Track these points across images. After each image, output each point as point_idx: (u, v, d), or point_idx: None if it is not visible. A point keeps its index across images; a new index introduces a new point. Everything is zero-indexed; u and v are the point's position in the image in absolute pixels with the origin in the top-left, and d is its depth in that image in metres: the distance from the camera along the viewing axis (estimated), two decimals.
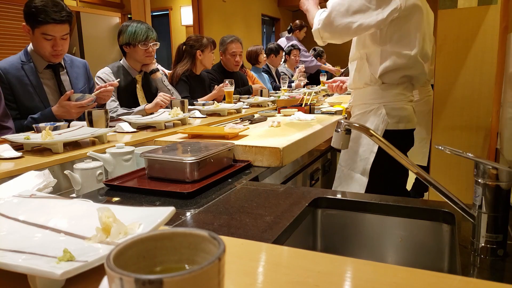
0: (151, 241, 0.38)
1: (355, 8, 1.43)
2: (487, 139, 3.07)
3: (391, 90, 1.54)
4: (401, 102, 1.54)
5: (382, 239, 0.97)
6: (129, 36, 2.27)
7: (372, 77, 1.54)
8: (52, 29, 1.72)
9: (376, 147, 1.51)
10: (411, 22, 1.46)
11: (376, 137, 0.91)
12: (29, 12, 1.70)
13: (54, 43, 1.76)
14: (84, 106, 1.70)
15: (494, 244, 0.67)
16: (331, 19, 1.47)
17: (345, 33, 1.48)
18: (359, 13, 1.43)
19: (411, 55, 1.47)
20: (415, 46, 1.47)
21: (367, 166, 1.54)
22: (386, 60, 1.49)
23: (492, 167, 0.65)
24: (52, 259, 0.53)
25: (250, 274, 0.57)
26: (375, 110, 1.55)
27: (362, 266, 0.58)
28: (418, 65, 1.50)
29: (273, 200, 0.96)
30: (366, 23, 1.43)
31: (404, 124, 1.55)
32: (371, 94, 1.57)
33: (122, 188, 1.07)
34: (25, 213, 0.69)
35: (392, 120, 1.53)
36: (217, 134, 1.52)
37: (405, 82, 1.55)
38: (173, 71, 2.95)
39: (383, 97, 1.54)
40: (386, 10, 1.41)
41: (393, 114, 1.53)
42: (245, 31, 6.75)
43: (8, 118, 1.65)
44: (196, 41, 2.97)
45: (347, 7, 1.44)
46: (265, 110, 2.48)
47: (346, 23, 1.45)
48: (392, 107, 1.53)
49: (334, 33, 1.50)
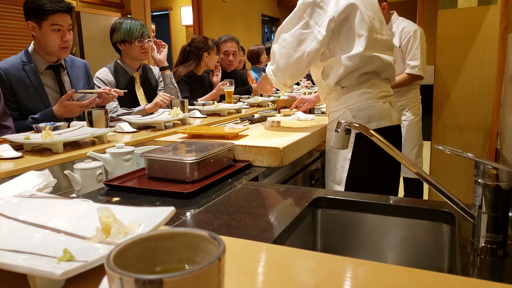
0: (151, 241, 0.38)
1: (295, 42, 1.43)
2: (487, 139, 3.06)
3: (353, 91, 1.50)
4: (367, 101, 1.49)
5: (382, 239, 0.97)
6: (124, 33, 2.25)
7: (330, 86, 1.53)
8: (60, 18, 1.75)
9: (350, 154, 1.47)
10: (350, 23, 1.43)
11: (376, 137, 0.91)
12: (33, 7, 1.72)
13: (63, 34, 1.78)
14: (86, 105, 1.71)
15: (494, 244, 0.67)
16: (282, 65, 1.47)
17: (301, 67, 1.46)
18: (301, 43, 1.42)
19: (360, 54, 1.43)
20: (361, 43, 1.43)
21: (343, 174, 1.50)
22: (338, 68, 1.47)
23: (492, 167, 0.65)
24: (52, 259, 0.53)
25: (250, 274, 0.57)
26: (341, 115, 1.51)
27: (362, 266, 0.58)
28: (373, 60, 1.46)
29: (273, 200, 0.96)
30: (312, 48, 1.41)
31: (376, 123, 1.49)
32: (335, 101, 1.55)
33: (122, 188, 1.07)
34: (25, 213, 0.69)
35: (361, 122, 1.45)
36: (217, 134, 1.52)
37: (368, 80, 1.50)
38: (175, 70, 2.95)
39: (346, 101, 1.51)
40: (323, 25, 1.39)
41: (360, 115, 1.48)
42: (245, 31, 6.75)
43: (8, 117, 1.65)
44: (203, 43, 2.98)
45: (289, 45, 1.44)
46: (265, 110, 2.48)
47: (295, 60, 1.43)
48: (357, 108, 1.49)
49: (292, 73, 1.48)
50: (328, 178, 1.60)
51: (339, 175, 1.51)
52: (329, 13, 1.40)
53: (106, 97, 1.84)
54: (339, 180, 1.52)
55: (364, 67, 1.46)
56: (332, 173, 1.55)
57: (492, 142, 2.91)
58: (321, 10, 1.41)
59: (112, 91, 1.84)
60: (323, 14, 1.40)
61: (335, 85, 1.51)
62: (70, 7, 1.79)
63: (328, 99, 1.60)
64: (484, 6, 2.97)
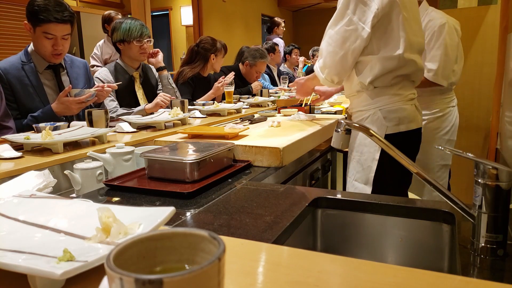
0: (151, 241, 0.38)
1: (340, 40, 1.41)
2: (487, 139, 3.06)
3: (385, 92, 1.48)
4: (398, 103, 1.48)
5: (382, 239, 0.97)
6: (123, 33, 2.25)
7: (362, 84, 1.50)
8: (54, 28, 1.73)
9: (378, 154, 1.46)
10: (392, 22, 1.41)
11: (376, 137, 0.91)
12: (32, 10, 1.71)
13: (55, 43, 1.76)
14: (84, 102, 1.70)
15: (494, 244, 0.67)
16: (328, 62, 1.46)
17: (346, 65, 1.45)
18: (346, 41, 1.41)
19: (399, 56, 1.42)
20: (401, 45, 1.42)
21: (370, 175, 1.48)
22: (374, 67, 1.45)
23: (492, 167, 0.65)
24: (52, 259, 0.53)
25: (250, 274, 0.57)
26: (371, 116, 1.49)
27: (362, 266, 0.58)
28: (410, 63, 1.45)
29: (273, 200, 0.96)
30: (357, 45, 1.40)
31: (405, 125, 1.49)
32: (365, 100, 1.52)
33: (122, 188, 1.07)
34: (25, 213, 0.69)
35: (391, 123, 1.47)
36: (217, 134, 1.52)
37: (400, 82, 1.49)
38: (181, 69, 2.95)
39: (377, 102, 1.49)
40: (367, 22, 1.38)
41: (390, 117, 1.47)
42: (245, 31, 6.75)
43: (9, 118, 1.65)
44: (212, 44, 2.98)
45: (334, 43, 1.43)
46: (265, 110, 2.48)
47: (340, 58, 1.43)
48: (388, 110, 1.47)
49: (338, 71, 1.47)
50: (351, 177, 1.56)
51: (366, 175, 1.49)
52: (373, 8, 1.37)
53: (101, 94, 1.83)
54: (365, 180, 1.49)
55: (400, 69, 1.45)
56: (358, 173, 1.52)
57: (492, 142, 2.91)
58: (365, 6, 1.38)
59: (106, 86, 1.84)
60: (367, 10, 1.37)
61: (369, 84, 1.48)
62: (68, 19, 1.75)
63: (357, 97, 1.55)
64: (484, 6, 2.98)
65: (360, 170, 1.51)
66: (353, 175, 1.55)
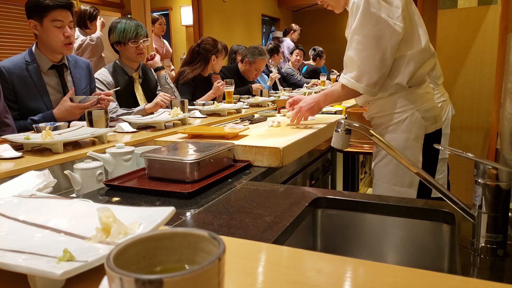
0: (151, 241, 0.38)
1: (374, 41, 1.35)
2: (487, 139, 3.06)
3: (417, 92, 1.44)
4: (429, 101, 1.45)
5: (382, 239, 0.97)
6: (118, 34, 2.24)
7: (399, 86, 1.43)
8: (60, 14, 1.76)
9: (421, 156, 1.42)
10: (411, 15, 1.40)
11: (376, 137, 0.91)
12: (33, 5, 1.74)
13: (65, 30, 1.79)
14: (87, 108, 1.72)
15: (494, 244, 0.67)
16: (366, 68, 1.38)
17: (387, 65, 1.38)
18: (380, 40, 1.35)
19: (425, 47, 1.39)
20: (423, 35, 1.39)
21: (415, 177, 1.42)
22: (407, 65, 1.39)
23: (492, 167, 0.65)
24: (52, 259, 0.53)
25: (250, 274, 0.57)
26: (409, 117, 1.43)
27: (362, 266, 0.58)
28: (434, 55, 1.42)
29: (273, 200, 0.96)
30: (394, 41, 1.34)
31: (439, 123, 1.46)
32: (400, 102, 1.45)
33: (122, 188, 1.07)
34: (25, 213, 0.69)
35: (429, 122, 1.43)
36: (217, 134, 1.52)
37: (426, 80, 1.46)
38: (182, 70, 2.95)
39: (413, 102, 1.43)
40: (397, 16, 1.34)
41: (428, 116, 1.43)
42: (245, 31, 6.75)
43: (9, 114, 1.66)
44: (213, 45, 2.98)
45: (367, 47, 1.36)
46: (265, 110, 2.48)
47: (379, 59, 1.36)
48: (424, 109, 1.43)
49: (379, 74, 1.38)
50: (388, 182, 1.48)
51: (410, 178, 1.43)
52: (396, 4, 1.34)
53: (103, 102, 1.85)
54: (409, 183, 1.44)
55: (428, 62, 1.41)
56: (398, 177, 1.45)
57: (492, 142, 2.91)
58: (387, 3, 1.34)
59: (103, 94, 1.85)
60: (390, 7, 1.34)
61: (406, 84, 1.42)
62: (70, 3, 1.80)
63: (388, 100, 1.47)
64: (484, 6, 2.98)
65: (401, 174, 1.44)
66: (391, 179, 1.47)
